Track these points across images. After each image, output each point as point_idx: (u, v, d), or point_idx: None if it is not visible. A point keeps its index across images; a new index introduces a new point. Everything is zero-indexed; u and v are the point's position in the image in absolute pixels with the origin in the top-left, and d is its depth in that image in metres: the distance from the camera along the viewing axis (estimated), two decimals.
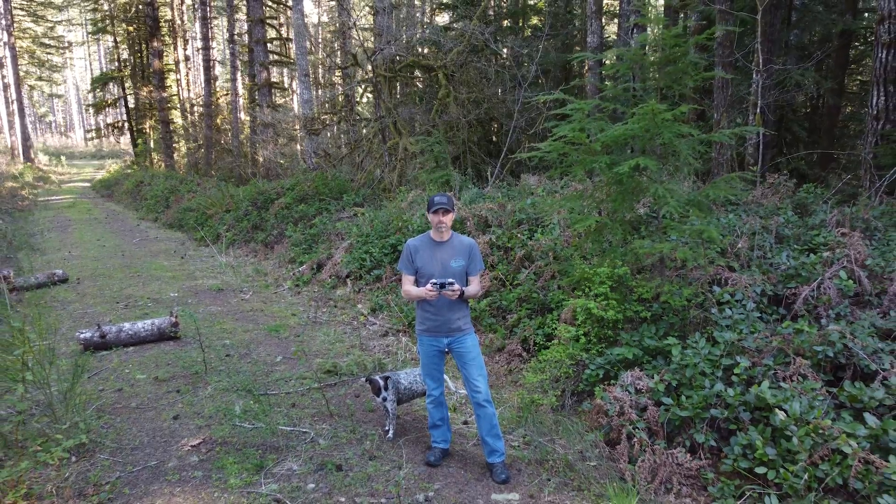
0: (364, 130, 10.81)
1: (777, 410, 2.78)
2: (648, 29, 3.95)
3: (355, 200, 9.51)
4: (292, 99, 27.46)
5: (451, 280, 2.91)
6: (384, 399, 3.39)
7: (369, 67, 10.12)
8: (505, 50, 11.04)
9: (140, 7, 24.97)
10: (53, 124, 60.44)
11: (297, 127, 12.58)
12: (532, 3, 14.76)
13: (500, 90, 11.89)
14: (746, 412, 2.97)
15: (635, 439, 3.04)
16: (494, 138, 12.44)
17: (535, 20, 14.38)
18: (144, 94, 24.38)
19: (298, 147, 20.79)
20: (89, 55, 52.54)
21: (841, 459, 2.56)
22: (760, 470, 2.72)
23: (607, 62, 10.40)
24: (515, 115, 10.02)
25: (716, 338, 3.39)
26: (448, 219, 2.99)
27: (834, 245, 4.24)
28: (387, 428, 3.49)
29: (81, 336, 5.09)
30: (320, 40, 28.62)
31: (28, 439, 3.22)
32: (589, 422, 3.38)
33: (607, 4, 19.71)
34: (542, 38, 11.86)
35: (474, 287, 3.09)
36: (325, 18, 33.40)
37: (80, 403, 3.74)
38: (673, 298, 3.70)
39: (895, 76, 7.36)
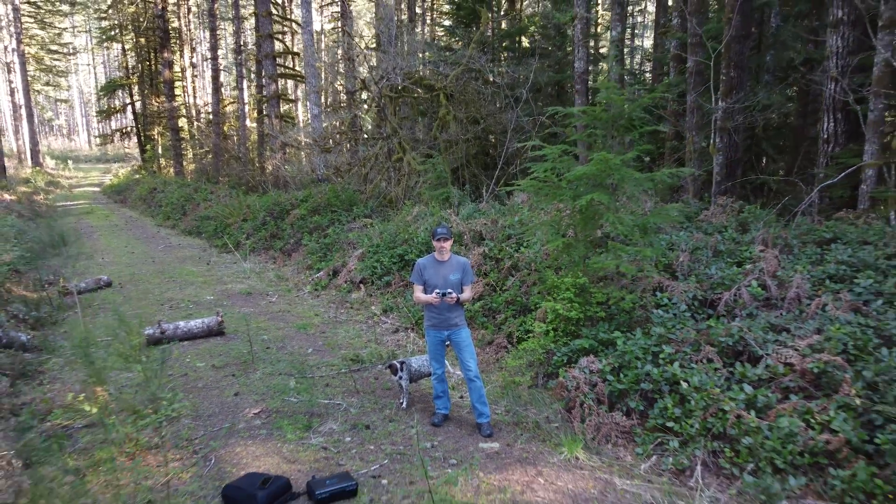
0: (369, 150, 11.93)
1: (682, 382, 3.93)
2: (603, 92, 5.04)
3: (364, 212, 10.65)
4: (296, 107, 28.57)
5: (449, 290, 4.05)
6: (399, 378, 4.53)
7: (374, 88, 11.25)
8: (500, 72, 12.16)
9: (152, 19, 26.06)
10: (56, 127, 61.66)
11: (306, 141, 13.66)
12: (526, 24, 15.92)
13: (496, 105, 13.03)
14: (666, 385, 4.11)
15: (586, 406, 4.18)
16: (491, 151, 13.59)
17: (526, 43, 15.53)
18: (156, 105, 25.46)
19: (303, 154, 21.98)
20: (93, 60, 53.69)
21: (722, 415, 3.70)
22: (670, 424, 3.86)
23: (597, 80, 11.55)
24: (509, 133, 11.17)
25: (650, 332, 4.53)
26: (447, 244, 4.15)
27: (756, 259, 5.39)
28: (401, 400, 4.63)
29: (145, 332, 6.23)
30: (324, 50, 29.72)
31: (139, 406, 4.36)
32: (554, 395, 4.53)
33: (601, 15, 20.88)
34: (534, 60, 13.04)
35: (467, 294, 4.23)
36: (328, 26, 34.58)
37: (165, 382, 4.89)
38: (622, 302, 4.85)
39: (843, 105, 8.50)
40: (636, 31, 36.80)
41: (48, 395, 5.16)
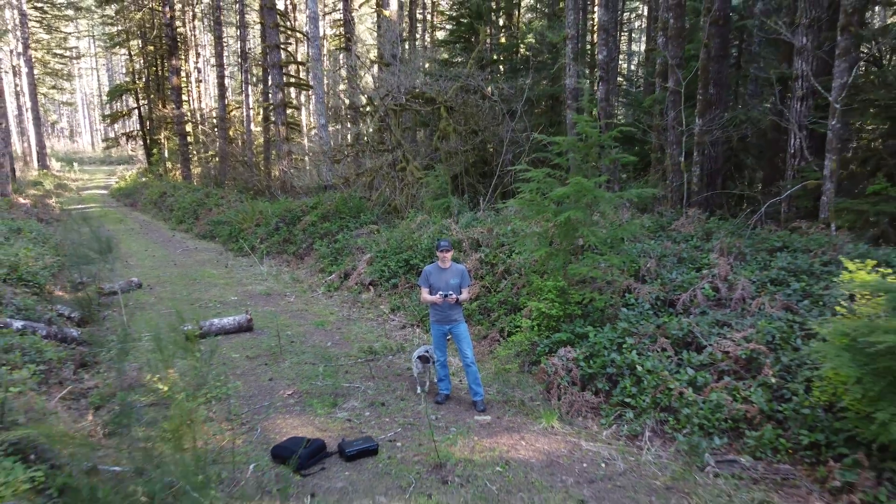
0: (374, 160, 12.90)
1: (639, 367, 4.90)
2: (581, 124, 6.00)
3: (371, 219, 11.63)
4: (299, 112, 29.51)
5: (451, 292, 5.02)
6: (432, 363, 5.41)
7: (380, 104, 12.23)
8: (497, 87, 13.12)
9: (161, 28, 27.01)
10: (57, 129, 62.62)
11: (316, 151, 14.62)
12: (524, 32, 16.90)
13: (493, 118, 14.01)
14: (626, 369, 5.08)
15: (562, 387, 5.15)
16: (489, 159, 14.57)
17: (524, 49, 16.51)
18: (167, 111, 26.38)
19: (306, 159, 22.93)
20: (96, 63, 54.62)
21: (668, 392, 4.67)
22: (628, 400, 4.83)
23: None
24: (505, 145, 12.15)
25: (617, 326, 5.50)
26: (449, 255, 5.12)
27: (712, 265, 6.36)
28: (423, 386, 5.55)
29: (184, 328, 7.18)
30: (326, 56, 30.64)
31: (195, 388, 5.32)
32: (536, 378, 5.50)
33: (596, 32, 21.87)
34: (530, 73, 14.01)
35: (465, 295, 5.20)
36: (329, 31, 35.53)
37: (213, 369, 5.85)
38: (595, 302, 5.82)
39: (808, 123, 9.47)
40: (633, 36, 37.82)
41: (107, 380, 6.13)
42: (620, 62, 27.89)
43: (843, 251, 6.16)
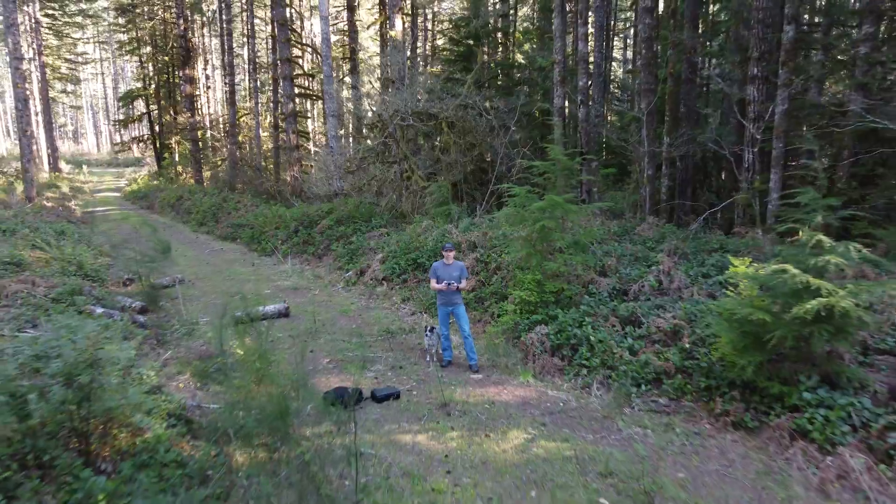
0: (383, 171, 14.69)
1: (592, 338, 6.69)
2: (552, 153, 7.79)
3: (380, 223, 13.41)
4: (306, 120, 31.32)
5: (453, 282, 6.81)
6: (435, 333, 7.18)
7: (389, 122, 14.02)
8: (492, 105, 14.91)
9: (175, 39, 28.77)
10: (62, 130, 64.40)
11: (331, 161, 16.38)
12: (520, 46, 18.72)
13: (489, 130, 15.80)
14: (584, 340, 6.86)
15: (536, 354, 6.94)
16: (486, 167, 16.37)
17: (520, 58, 18.30)
18: (183, 119, 28.09)
19: (311, 163, 24.70)
20: (101, 68, 56.33)
21: (612, 355, 6.46)
22: (584, 362, 6.62)
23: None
24: (499, 158, 13.94)
25: (580, 309, 7.29)
26: (451, 254, 6.92)
27: (660, 262, 8.15)
28: (432, 355, 7.32)
29: (236, 314, 8.95)
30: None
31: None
32: (518, 349, 7.29)
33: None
34: (523, 89, 15.79)
35: (464, 284, 7.00)
36: (333, 38, 37.30)
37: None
38: (564, 291, 7.61)
39: (760, 141, 11.24)
40: (628, 42, 39.61)
41: (179, 354, 7.90)
42: (616, 69, 29.74)
43: (764, 251, 7.95)
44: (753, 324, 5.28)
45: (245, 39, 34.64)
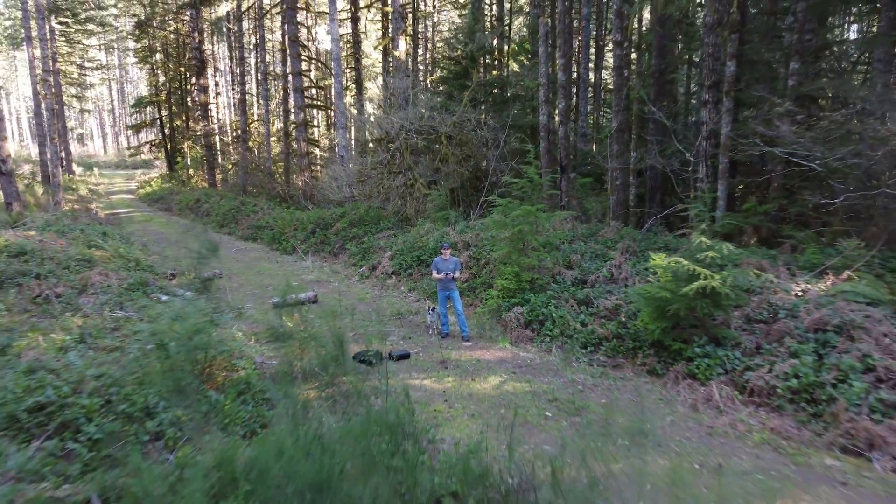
0: (391, 180, 17.04)
1: (555, 315, 9.03)
2: (528, 172, 10.11)
3: (388, 226, 15.73)
4: (313, 133, 33.66)
5: (449, 272, 9.15)
6: (436, 312, 9.53)
7: (396, 137, 16.36)
8: (485, 120, 17.26)
9: (191, 50, 31.08)
10: (70, 133, 66.62)
11: (345, 172, 18.67)
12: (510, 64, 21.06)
13: (483, 143, 18.14)
14: (549, 317, 9.19)
15: (513, 328, 9.27)
16: (479, 174, 18.71)
17: (514, 65, 20.60)
18: (198, 128, 30.33)
19: (319, 167, 26.99)
20: (109, 72, 58.55)
21: (569, 326, 8.79)
22: (548, 333, 8.95)
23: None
24: (492, 168, 16.28)
25: (547, 294, 9.62)
26: (448, 252, 9.27)
27: (614, 258, 10.48)
28: (433, 329, 9.66)
29: (272, 301, 11.27)
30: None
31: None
32: (500, 325, 9.63)
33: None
34: (515, 104, 18.12)
35: (458, 275, 9.34)
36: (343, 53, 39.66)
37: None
38: (537, 281, 9.95)
39: (713, 154, 13.53)
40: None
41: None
42: (604, 78, 32.08)
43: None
44: (660, 300, 7.62)
45: (252, 48, 36.93)
